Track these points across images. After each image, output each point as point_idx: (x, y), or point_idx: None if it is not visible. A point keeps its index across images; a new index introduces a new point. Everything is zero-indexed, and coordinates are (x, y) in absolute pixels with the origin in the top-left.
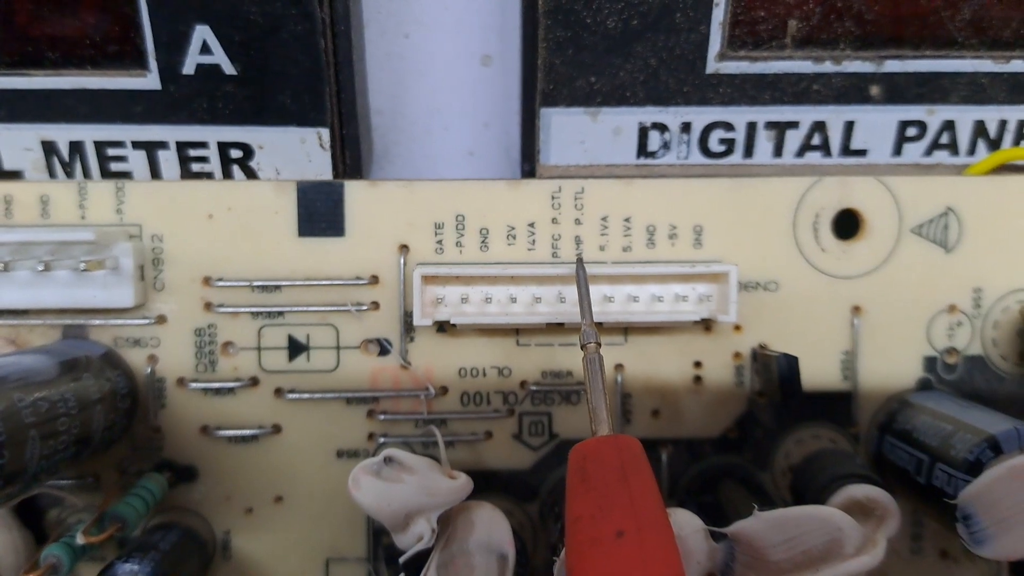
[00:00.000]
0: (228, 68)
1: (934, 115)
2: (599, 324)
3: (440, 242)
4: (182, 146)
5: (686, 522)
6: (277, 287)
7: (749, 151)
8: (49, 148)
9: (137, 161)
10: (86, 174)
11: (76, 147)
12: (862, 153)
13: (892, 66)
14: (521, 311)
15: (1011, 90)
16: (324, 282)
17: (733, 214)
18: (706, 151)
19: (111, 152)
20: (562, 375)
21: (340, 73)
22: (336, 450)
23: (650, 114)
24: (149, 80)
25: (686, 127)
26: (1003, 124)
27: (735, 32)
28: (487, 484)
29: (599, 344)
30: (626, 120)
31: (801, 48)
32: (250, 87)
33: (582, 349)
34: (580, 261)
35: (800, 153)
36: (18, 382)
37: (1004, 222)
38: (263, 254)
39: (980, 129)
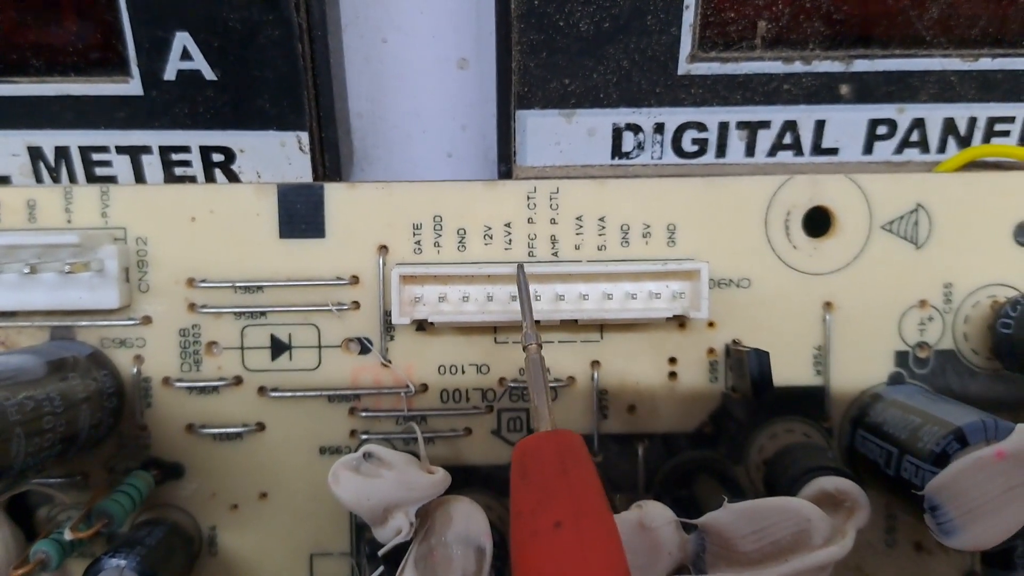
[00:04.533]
0: (208, 74)
1: (904, 113)
2: (574, 322)
3: (418, 242)
4: (165, 150)
5: (658, 514)
6: (259, 288)
7: (721, 151)
8: (35, 153)
9: (121, 166)
10: (72, 179)
11: (62, 152)
12: (833, 152)
13: (861, 65)
14: (498, 309)
15: (980, 88)
16: (305, 283)
17: (706, 213)
18: (679, 151)
19: (96, 157)
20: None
21: (318, 77)
22: (319, 447)
23: (624, 115)
24: (132, 86)
25: (659, 128)
26: (973, 121)
27: (706, 34)
28: (467, 479)
29: (540, 345)
30: (600, 121)
31: (771, 49)
32: (230, 92)
33: (524, 350)
34: (521, 267)
35: (772, 152)
36: (5, 381)
37: (974, 218)
38: (245, 256)
39: (950, 126)
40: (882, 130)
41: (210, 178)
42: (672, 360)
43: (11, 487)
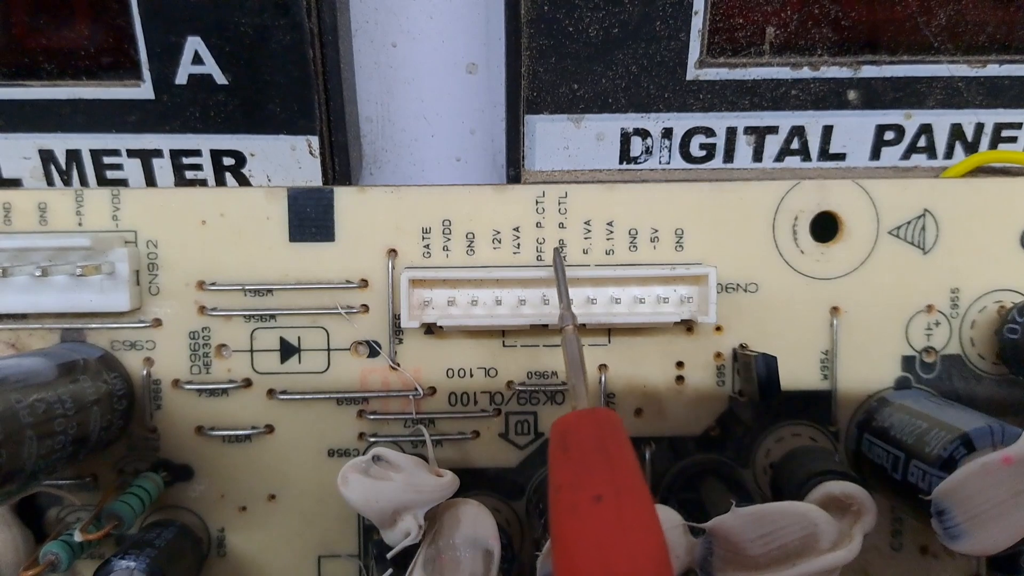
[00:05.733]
0: (220, 78)
1: (911, 119)
2: (583, 326)
3: (427, 246)
4: (176, 154)
5: (666, 518)
6: (269, 291)
7: (729, 156)
8: (47, 157)
9: (132, 169)
10: (83, 182)
11: (73, 156)
12: (841, 157)
13: (869, 71)
14: (506, 313)
15: (987, 94)
16: (315, 286)
17: (714, 218)
18: (687, 156)
19: (107, 160)
20: (547, 375)
21: (329, 82)
22: (327, 449)
23: (632, 120)
24: (143, 90)
25: (667, 133)
26: (980, 127)
27: (714, 40)
28: (475, 482)
29: (576, 326)
30: (609, 126)
31: (779, 55)
32: (241, 96)
33: (560, 331)
34: (557, 251)
35: (779, 157)
36: (17, 384)
37: (981, 224)
38: (255, 259)
39: (957, 132)
40: (889, 136)
41: (220, 182)
42: (679, 364)
43: (22, 489)
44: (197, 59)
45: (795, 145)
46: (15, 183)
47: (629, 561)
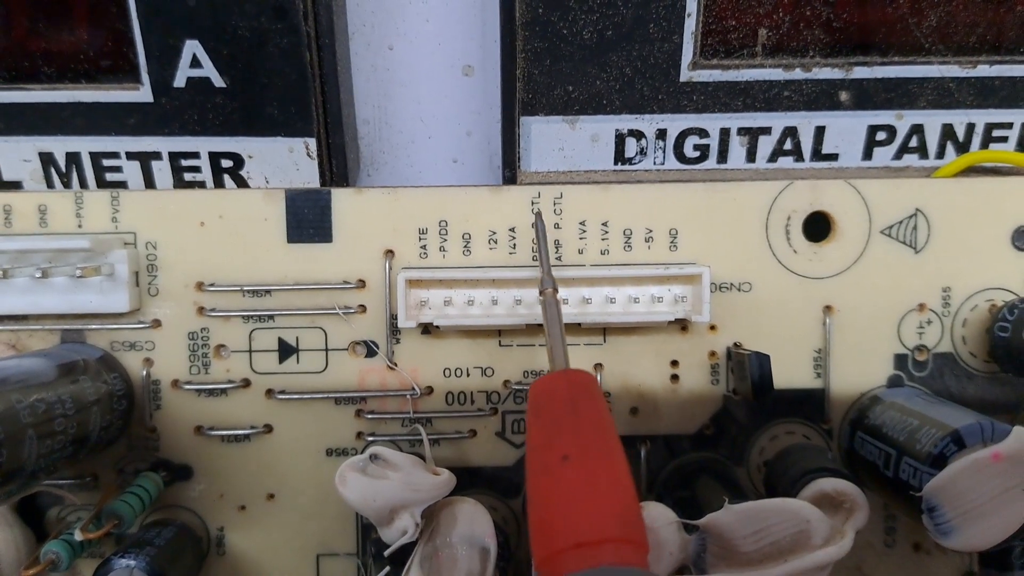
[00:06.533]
0: (218, 81)
1: (903, 119)
2: (578, 325)
3: (424, 247)
4: (174, 156)
5: (659, 515)
6: (267, 291)
7: (723, 156)
8: (46, 159)
9: (131, 171)
10: (82, 184)
11: (72, 158)
12: (833, 157)
13: (861, 72)
14: (503, 313)
15: (978, 94)
16: (313, 286)
17: (707, 218)
18: (681, 157)
19: (106, 163)
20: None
21: (326, 84)
22: (326, 449)
23: (626, 121)
24: (142, 93)
25: (661, 134)
26: (971, 127)
27: (707, 41)
28: (472, 480)
29: (556, 290)
30: (603, 127)
31: (771, 56)
32: (239, 99)
33: (540, 295)
34: (539, 214)
35: (772, 158)
36: (17, 384)
37: (972, 223)
38: (254, 260)
39: (948, 132)
40: (881, 136)
41: (219, 183)
42: (674, 363)
43: (23, 488)
44: (195, 62)
45: (788, 146)
46: (15, 185)
47: (594, 519)
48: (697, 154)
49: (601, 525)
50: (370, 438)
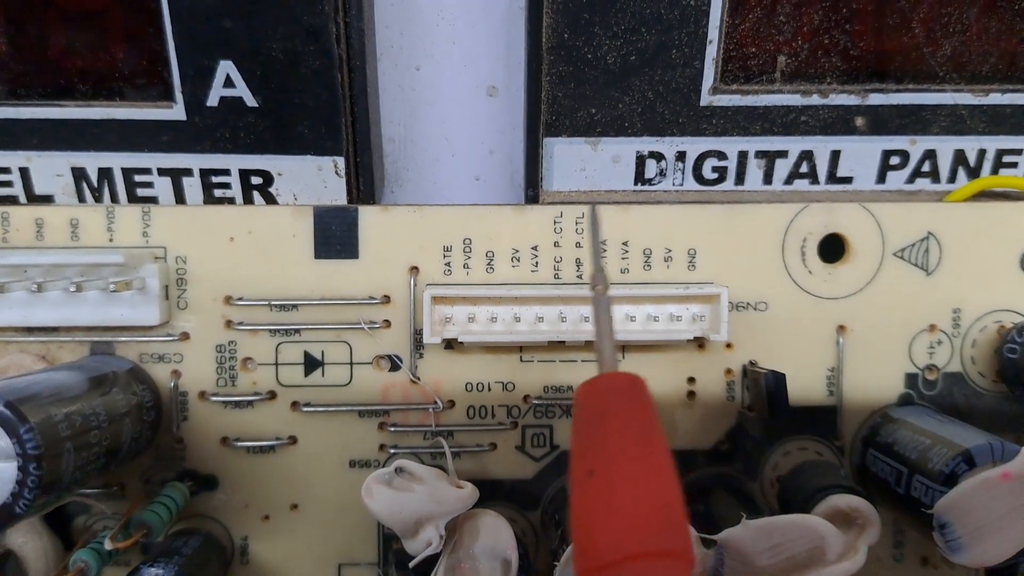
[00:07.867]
0: (250, 100)
1: (916, 145)
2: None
3: (448, 264)
4: (205, 173)
5: None
6: (294, 306)
7: (740, 179)
8: (79, 174)
9: (163, 187)
10: (113, 199)
11: (105, 173)
12: (848, 180)
13: (876, 99)
14: (525, 329)
15: (989, 121)
16: (339, 301)
17: (725, 238)
18: (700, 179)
19: (138, 178)
20: (563, 390)
21: (355, 105)
22: (349, 460)
23: (647, 144)
24: (175, 111)
25: (681, 156)
26: (982, 153)
27: (727, 67)
28: (492, 493)
29: (607, 287)
30: (624, 149)
31: (790, 82)
32: (270, 118)
33: (592, 291)
34: (594, 207)
35: (789, 181)
36: (51, 397)
37: (982, 246)
38: (281, 275)
39: (960, 158)
40: (895, 160)
41: (248, 200)
42: (691, 379)
43: (58, 499)
44: (228, 82)
45: (804, 169)
46: (47, 199)
47: (613, 540)
48: (715, 176)
49: (621, 545)
50: (392, 450)
